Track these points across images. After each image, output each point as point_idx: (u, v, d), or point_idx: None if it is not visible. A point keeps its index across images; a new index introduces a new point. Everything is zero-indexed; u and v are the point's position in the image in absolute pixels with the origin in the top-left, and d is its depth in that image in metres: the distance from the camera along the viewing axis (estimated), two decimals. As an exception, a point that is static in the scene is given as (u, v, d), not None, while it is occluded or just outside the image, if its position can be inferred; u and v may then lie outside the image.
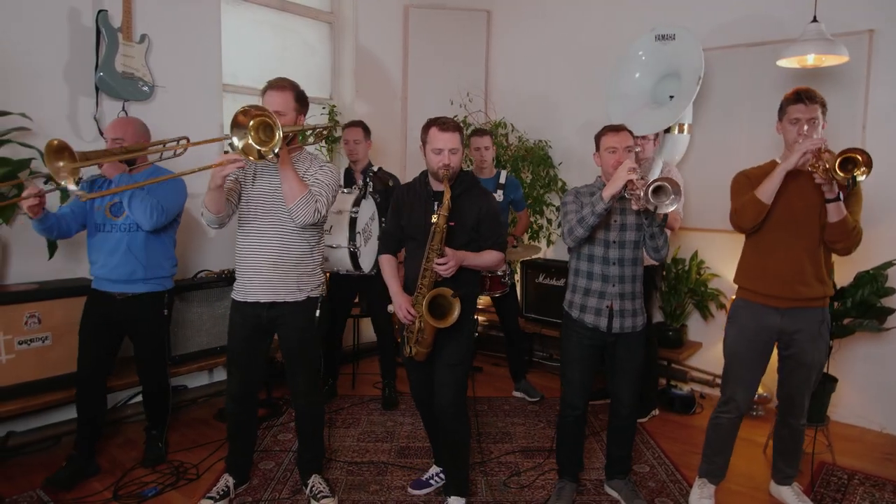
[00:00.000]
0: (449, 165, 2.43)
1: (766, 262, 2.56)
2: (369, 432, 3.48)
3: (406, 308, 2.49)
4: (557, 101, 4.87)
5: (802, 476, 2.93)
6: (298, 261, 2.59)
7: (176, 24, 3.68)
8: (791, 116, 2.48)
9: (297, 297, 2.59)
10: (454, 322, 2.40)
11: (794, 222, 2.50)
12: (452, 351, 2.54)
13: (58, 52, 3.25)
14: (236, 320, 2.64)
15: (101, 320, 2.87)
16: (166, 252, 2.96)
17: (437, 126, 2.46)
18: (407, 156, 5.18)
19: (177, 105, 3.68)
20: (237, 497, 2.74)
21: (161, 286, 2.94)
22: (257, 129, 2.23)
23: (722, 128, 4.02)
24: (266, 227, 2.54)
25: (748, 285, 2.63)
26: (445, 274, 2.40)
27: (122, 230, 2.82)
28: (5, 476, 2.90)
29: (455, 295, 2.40)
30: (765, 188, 2.42)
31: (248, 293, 2.58)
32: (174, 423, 3.51)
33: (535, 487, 2.90)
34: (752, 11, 3.89)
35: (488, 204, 2.57)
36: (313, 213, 2.45)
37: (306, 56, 4.68)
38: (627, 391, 2.65)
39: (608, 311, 2.55)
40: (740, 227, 2.54)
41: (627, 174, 2.33)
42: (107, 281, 2.85)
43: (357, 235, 3.41)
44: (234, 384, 2.69)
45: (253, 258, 2.55)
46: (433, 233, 2.41)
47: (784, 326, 2.56)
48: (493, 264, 2.58)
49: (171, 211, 2.84)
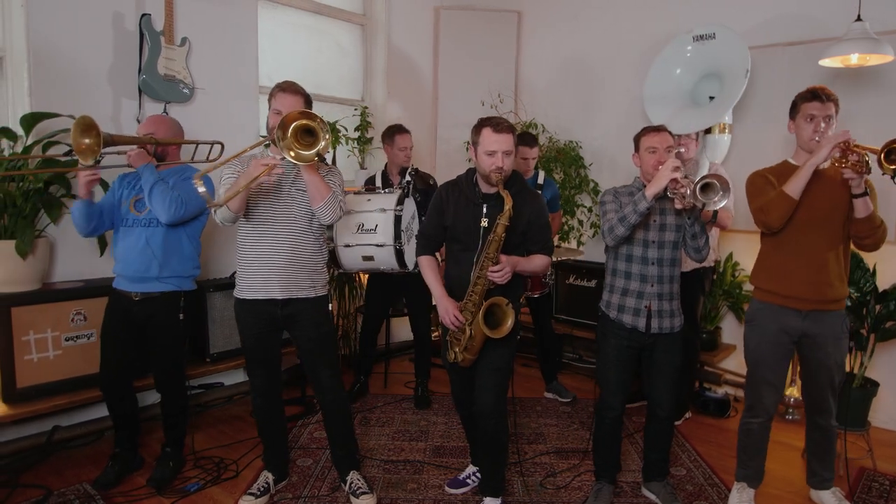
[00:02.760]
0: (502, 168, 2.33)
1: (789, 262, 2.52)
2: (403, 431, 3.50)
3: (454, 314, 2.44)
4: (588, 101, 4.86)
5: (841, 481, 2.89)
6: (309, 259, 2.60)
7: (215, 28, 3.75)
8: (806, 114, 2.47)
9: (310, 294, 2.61)
10: (507, 333, 2.36)
11: (818, 221, 2.47)
12: (497, 356, 2.51)
13: (102, 56, 3.33)
14: (248, 319, 2.62)
15: (122, 321, 2.82)
16: (186, 252, 2.86)
17: (490, 126, 2.35)
18: (437, 156, 5.20)
19: (215, 107, 3.75)
20: (277, 493, 2.78)
21: (177, 286, 2.82)
22: (296, 133, 2.27)
23: (760, 128, 3.97)
24: (277, 229, 2.54)
25: (768, 286, 2.59)
26: (501, 282, 2.35)
27: (142, 225, 2.78)
28: (53, 469, 2.97)
29: (509, 304, 2.37)
30: (793, 184, 2.39)
31: (262, 290, 2.56)
32: (211, 421, 3.58)
33: (571, 488, 2.90)
34: (793, 10, 3.84)
35: (539, 207, 2.51)
36: (338, 212, 2.49)
37: (339, 58, 4.73)
38: (665, 393, 2.64)
39: (646, 312, 2.54)
40: (768, 225, 2.49)
41: (671, 173, 2.31)
42: (124, 279, 2.79)
43: (402, 233, 3.45)
44: (257, 379, 2.71)
45: (264, 259, 2.54)
46: (490, 241, 2.34)
47: (806, 329, 2.53)
48: (542, 269, 2.56)
49: (192, 207, 2.77)
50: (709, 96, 3.82)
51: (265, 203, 2.54)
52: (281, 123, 2.25)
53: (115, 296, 2.84)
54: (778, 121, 3.86)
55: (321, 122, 2.26)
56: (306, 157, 2.27)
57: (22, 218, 2.92)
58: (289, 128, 2.24)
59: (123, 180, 2.90)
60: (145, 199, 2.72)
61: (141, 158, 2.71)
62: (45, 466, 2.99)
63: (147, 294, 2.78)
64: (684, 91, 3.86)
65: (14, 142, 2.95)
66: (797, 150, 2.57)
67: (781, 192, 2.42)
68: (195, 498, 2.76)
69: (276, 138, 2.25)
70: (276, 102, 2.51)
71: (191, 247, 2.89)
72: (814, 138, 2.44)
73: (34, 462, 3.01)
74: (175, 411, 2.93)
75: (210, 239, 3.82)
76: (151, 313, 2.80)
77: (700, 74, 3.84)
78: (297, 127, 2.26)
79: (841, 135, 2.31)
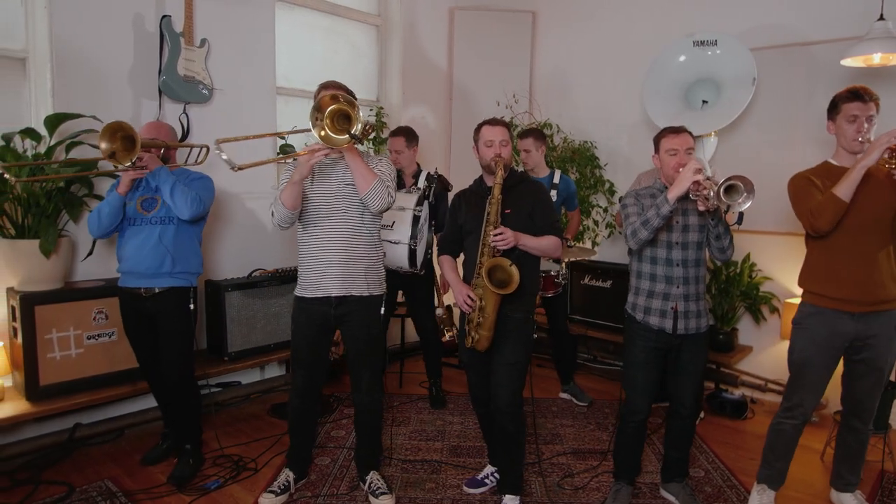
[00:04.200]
0: (500, 155, 2.56)
1: (838, 265, 2.49)
2: (420, 431, 3.51)
3: (466, 293, 2.55)
4: (603, 101, 4.85)
5: (863, 485, 2.87)
6: (365, 254, 2.64)
7: (233, 29, 3.77)
8: (848, 114, 2.44)
9: (364, 293, 2.64)
10: (516, 287, 2.44)
11: (867, 222, 2.44)
12: (511, 350, 2.57)
13: (123, 57, 3.36)
14: (301, 319, 2.68)
15: (136, 317, 2.88)
16: (194, 248, 2.94)
17: (486, 123, 2.66)
18: (452, 157, 5.21)
19: (234, 107, 3.77)
20: (297, 492, 2.80)
21: (187, 282, 2.89)
22: (333, 118, 2.33)
23: (775, 128, 3.96)
24: (332, 225, 2.59)
25: (818, 290, 2.56)
26: (502, 245, 2.47)
27: (153, 223, 2.82)
28: (75, 466, 3.00)
29: (512, 264, 2.46)
30: (843, 186, 2.35)
31: (318, 289, 2.61)
32: (229, 419, 3.60)
33: (589, 489, 2.90)
34: (810, 9, 3.82)
35: (541, 191, 2.70)
36: (387, 198, 2.52)
37: (355, 59, 4.74)
38: (690, 393, 2.63)
39: (673, 314, 2.53)
40: (817, 229, 2.45)
41: (693, 175, 2.31)
42: (132, 275, 2.82)
43: (418, 233, 3.47)
44: (299, 379, 2.73)
45: (321, 256, 2.60)
46: (488, 205, 2.52)
47: (859, 331, 2.50)
48: (551, 249, 2.61)
49: (207, 204, 2.89)
50: (702, 100, 3.86)
51: (317, 201, 2.60)
52: (316, 105, 2.30)
53: (124, 295, 2.89)
54: (791, 120, 3.90)
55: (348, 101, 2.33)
56: (338, 140, 2.33)
57: (45, 217, 2.96)
58: (325, 110, 2.32)
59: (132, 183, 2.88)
60: (166, 198, 2.78)
61: (155, 161, 2.80)
62: (67, 464, 3.02)
63: (157, 289, 2.83)
64: (678, 92, 3.93)
65: (38, 142, 2.98)
66: (837, 151, 2.54)
67: (832, 195, 2.38)
68: (215, 495, 2.78)
69: (313, 120, 2.31)
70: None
71: (197, 243, 2.98)
72: (857, 139, 2.41)
73: (56, 459, 3.04)
74: (187, 406, 2.94)
75: (228, 239, 3.85)
76: (162, 308, 2.84)
77: (695, 78, 3.89)
78: (332, 111, 2.33)
79: (892, 135, 2.28)
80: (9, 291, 2.97)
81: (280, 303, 3.72)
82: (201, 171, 3.00)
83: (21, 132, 2.92)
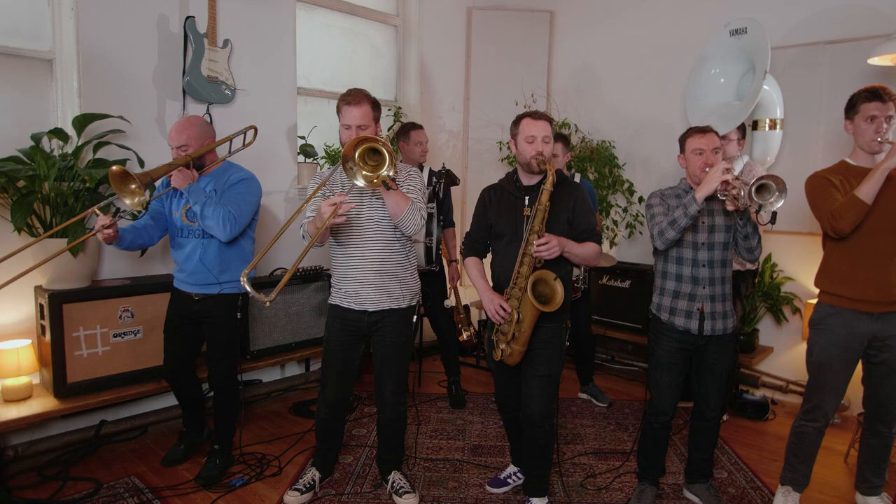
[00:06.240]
0: (542, 153, 2.42)
1: (857, 265, 2.48)
2: (441, 430, 3.52)
3: (498, 303, 2.43)
4: (621, 101, 4.84)
5: (888, 487, 2.85)
6: (399, 267, 2.61)
7: (255, 29, 3.80)
8: (867, 114, 2.42)
9: (400, 305, 2.62)
10: (559, 307, 2.31)
11: (885, 223, 2.42)
12: (544, 361, 2.49)
13: (148, 58, 3.39)
14: (335, 326, 2.65)
15: (182, 317, 2.91)
16: (242, 256, 2.89)
17: (529, 116, 2.48)
18: (469, 157, 5.21)
19: (255, 108, 3.80)
20: (321, 490, 2.81)
21: (236, 289, 2.86)
22: (363, 159, 2.30)
23: (799, 127, 3.93)
24: (366, 243, 2.55)
25: (836, 290, 2.55)
26: (547, 255, 2.31)
27: (196, 236, 2.80)
28: (101, 463, 3.04)
29: (557, 278, 2.33)
30: (866, 188, 2.34)
31: (355, 303, 2.59)
32: (252, 417, 3.63)
33: (612, 489, 2.90)
34: (840, 6, 3.78)
35: (581, 194, 2.53)
36: (419, 221, 2.48)
37: (373, 59, 4.76)
38: (715, 393, 2.62)
39: (699, 314, 2.52)
40: (838, 230, 2.44)
41: (722, 175, 2.30)
42: (185, 282, 2.86)
43: (433, 230, 3.47)
44: (329, 393, 2.69)
45: (357, 274, 2.57)
46: (534, 212, 2.35)
47: (877, 332, 2.49)
48: (592, 257, 2.48)
49: (244, 218, 2.78)
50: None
51: (350, 220, 2.53)
52: (343, 158, 2.26)
53: (175, 294, 2.92)
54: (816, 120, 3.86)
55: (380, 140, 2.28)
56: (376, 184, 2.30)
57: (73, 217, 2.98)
58: (352, 156, 2.26)
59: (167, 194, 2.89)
60: (200, 222, 2.72)
61: (183, 179, 2.66)
62: (93, 460, 3.06)
63: (207, 295, 2.84)
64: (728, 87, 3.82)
65: (65, 142, 3.02)
66: (855, 150, 2.52)
67: (854, 196, 2.36)
68: (240, 493, 2.80)
69: (346, 168, 2.27)
70: (343, 118, 2.51)
71: (247, 250, 2.93)
72: (875, 139, 2.40)
73: (82, 455, 3.07)
74: (225, 409, 2.94)
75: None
76: (210, 313, 2.86)
77: (742, 70, 3.79)
78: (362, 152, 2.28)
79: None
80: (37, 290, 3.01)
81: (301, 302, 3.75)
82: (246, 171, 2.88)
83: (49, 132, 2.95)
